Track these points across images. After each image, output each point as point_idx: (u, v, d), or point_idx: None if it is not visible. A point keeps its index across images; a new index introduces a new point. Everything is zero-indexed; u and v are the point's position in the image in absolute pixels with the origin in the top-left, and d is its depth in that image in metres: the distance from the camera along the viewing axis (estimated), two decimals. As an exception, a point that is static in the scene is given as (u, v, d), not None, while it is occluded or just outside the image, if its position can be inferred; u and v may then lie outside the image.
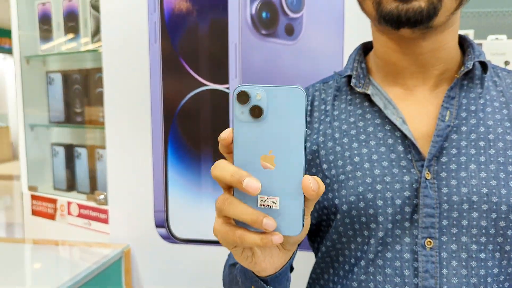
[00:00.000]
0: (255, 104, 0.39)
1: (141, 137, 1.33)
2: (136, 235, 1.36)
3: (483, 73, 0.65)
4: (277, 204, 0.41)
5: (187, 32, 1.27)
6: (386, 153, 0.63)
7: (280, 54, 1.22)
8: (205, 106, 1.29)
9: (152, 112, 1.32)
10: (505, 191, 0.59)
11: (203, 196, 1.31)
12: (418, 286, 0.60)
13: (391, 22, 0.59)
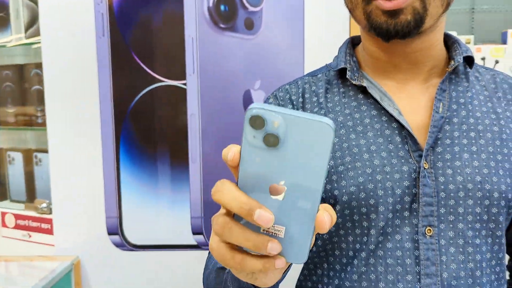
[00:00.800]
0: (271, 132, 0.34)
1: (89, 138, 1.23)
2: (86, 245, 1.25)
3: (469, 68, 0.68)
4: (282, 233, 0.37)
5: (139, 25, 1.20)
6: (384, 144, 0.63)
7: (240, 49, 1.19)
8: (160, 104, 1.22)
9: (101, 111, 1.22)
10: (496, 179, 0.61)
11: (160, 199, 1.24)
12: (420, 273, 0.60)
13: (381, 35, 0.61)
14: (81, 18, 1.19)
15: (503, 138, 0.64)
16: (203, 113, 1.21)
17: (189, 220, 1.24)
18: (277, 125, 0.34)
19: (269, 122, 0.34)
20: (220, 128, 1.22)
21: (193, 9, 1.17)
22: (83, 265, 1.25)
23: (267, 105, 0.34)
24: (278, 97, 0.71)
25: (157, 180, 1.24)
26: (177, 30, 1.19)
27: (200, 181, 1.24)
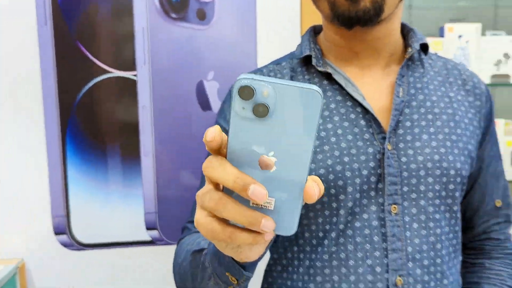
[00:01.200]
0: (260, 102, 0.34)
1: (32, 133, 1.15)
2: (31, 247, 1.17)
3: (424, 55, 0.72)
4: (272, 205, 0.37)
5: (86, 13, 1.14)
6: (350, 128, 0.66)
7: (192, 40, 1.17)
8: (109, 96, 1.17)
9: (45, 104, 1.15)
10: (452, 158, 0.66)
11: (111, 194, 1.20)
12: (387, 249, 0.64)
13: (345, 23, 0.64)
14: (20, 5, 1.12)
15: (456, 120, 0.69)
16: (155, 105, 1.19)
17: (143, 215, 1.21)
18: (267, 94, 0.34)
19: (258, 91, 0.34)
20: (173, 120, 1.20)
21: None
22: (29, 268, 1.17)
23: (256, 75, 0.34)
24: None
25: (108, 176, 1.19)
26: (126, 19, 1.15)
27: (153, 175, 1.21)
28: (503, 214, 0.76)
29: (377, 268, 0.63)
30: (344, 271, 0.64)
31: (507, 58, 1.32)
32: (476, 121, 0.71)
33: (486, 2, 1.59)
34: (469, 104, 0.71)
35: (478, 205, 0.75)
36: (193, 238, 0.65)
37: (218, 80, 1.20)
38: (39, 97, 1.15)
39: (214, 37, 1.18)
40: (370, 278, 0.63)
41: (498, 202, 0.76)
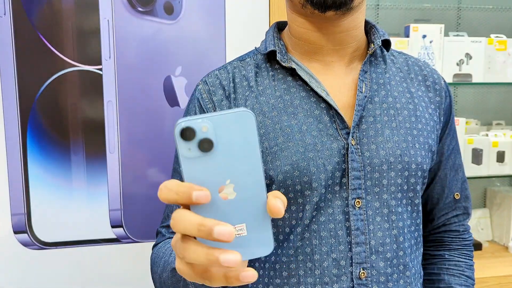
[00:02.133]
0: (202, 137, 0.36)
1: (-10, 128, 1.11)
2: (-12, 246, 1.13)
3: (386, 51, 0.73)
4: (245, 231, 0.39)
5: (48, 4, 1.10)
6: (314, 123, 0.66)
7: (160, 34, 1.15)
8: (73, 90, 1.14)
9: (3, 98, 1.11)
10: (413, 152, 0.67)
11: (74, 192, 1.16)
12: (351, 243, 0.64)
13: (319, 6, 0.62)
14: (-23, -6, 1.07)
15: (417, 115, 0.70)
16: (121, 100, 1.16)
17: (107, 213, 1.18)
18: (206, 129, 0.36)
19: (198, 129, 0.36)
20: (140, 116, 1.18)
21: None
22: (-14, 268, 1.13)
23: (190, 116, 0.36)
24: (208, 83, 0.71)
25: (71, 173, 1.16)
26: (91, 11, 1.12)
27: (118, 172, 1.18)
28: (462, 206, 0.79)
29: (342, 261, 0.64)
30: (309, 265, 0.64)
31: (469, 58, 1.37)
32: (436, 116, 0.73)
33: (449, 4, 1.64)
34: (429, 99, 0.73)
35: (438, 198, 0.77)
36: (168, 247, 0.64)
37: (186, 76, 1.19)
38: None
39: (182, 32, 1.17)
40: (334, 272, 0.64)
41: (457, 194, 0.78)
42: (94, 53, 1.13)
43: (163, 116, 1.18)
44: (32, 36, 1.11)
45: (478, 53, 1.37)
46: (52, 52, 1.12)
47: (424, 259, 0.81)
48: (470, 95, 1.66)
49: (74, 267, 1.18)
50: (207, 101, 0.68)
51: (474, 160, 1.39)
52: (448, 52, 1.36)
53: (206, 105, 0.68)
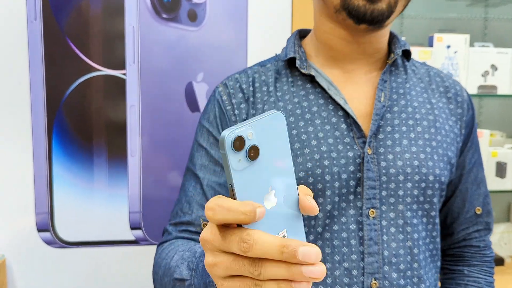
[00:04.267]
0: (250, 145, 0.35)
1: (18, 129, 1.15)
2: (12, 243, 1.16)
3: (407, 60, 0.73)
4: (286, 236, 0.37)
5: (76, 10, 1.14)
6: (331, 131, 0.66)
7: (183, 40, 1.17)
8: (97, 94, 1.17)
9: (32, 100, 1.15)
10: (431, 163, 0.67)
11: (95, 193, 1.19)
12: (364, 253, 0.64)
13: (355, 18, 0.63)
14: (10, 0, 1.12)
15: (437, 126, 0.69)
16: (143, 105, 1.19)
17: (127, 215, 1.21)
18: (252, 136, 0.35)
19: (246, 138, 0.35)
20: (161, 120, 1.20)
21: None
22: (9, 264, 1.16)
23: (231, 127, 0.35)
24: (228, 86, 0.72)
25: (93, 174, 1.19)
26: (117, 17, 1.15)
27: (139, 176, 1.20)
28: (483, 221, 0.77)
29: (354, 271, 0.64)
30: (321, 273, 0.64)
31: (494, 69, 1.34)
32: (457, 129, 0.72)
33: (475, 15, 1.61)
34: (450, 111, 0.72)
35: (458, 212, 0.76)
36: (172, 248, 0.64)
37: (207, 82, 1.20)
38: (27, 93, 1.14)
39: (205, 39, 1.18)
40: (346, 281, 0.64)
41: (479, 209, 0.77)
42: (118, 58, 1.16)
43: (184, 121, 1.20)
44: (60, 40, 1.14)
45: (504, 65, 1.34)
46: (79, 57, 1.15)
47: (442, 273, 0.79)
48: (495, 107, 1.62)
49: (93, 266, 1.20)
50: (227, 103, 0.69)
51: (498, 173, 1.36)
52: (473, 63, 1.33)
53: (226, 107, 0.69)
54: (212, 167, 0.68)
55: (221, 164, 0.68)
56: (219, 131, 0.69)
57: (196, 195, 0.68)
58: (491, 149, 1.36)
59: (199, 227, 0.67)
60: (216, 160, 0.68)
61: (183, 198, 0.70)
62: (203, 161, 0.69)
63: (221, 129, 0.69)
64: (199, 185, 0.68)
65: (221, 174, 0.67)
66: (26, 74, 1.14)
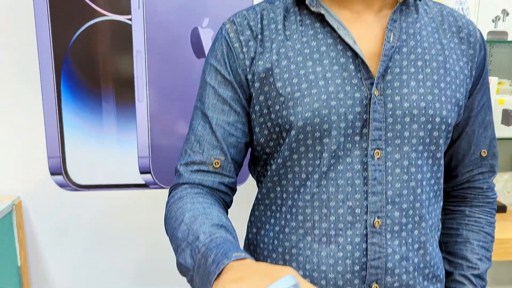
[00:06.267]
0: None
1: (27, 75, 1.15)
2: (27, 186, 1.20)
3: (418, 0, 0.71)
4: None
5: (79, -48, 1.11)
6: (339, 72, 0.66)
7: (188, -16, 1.15)
8: (103, 39, 1.17)
9: (39, 46, 1.15)
10: (439, 105, 0.67)
11: (105, 137, 1.21)
12: (368, 192, 0.66)
13: None
14: None
15: (446, 67, 0.69)
16: (149, 51, 1.18)
17: (136, 159, 1.23)
18: None
19: None
20: (167, 65, 1.20)
21: None
22: (25, 206, 1.21)
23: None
24: (235, 23, 0.70)
25: (102, 119, 1.21)
26: (121, -41, 1.12)
27: (147, 121, 1.22)
28: (488, 164, 0.78)
29: (357, 209, 0.65)
30: (324, 211, 0.66)
31: (506, 14, 1.31)
32: (468, 70, 0.71)
33: (491, -43, 1.54)
34: (461, 52, 0.71)
35: (464, 154, 0.77)
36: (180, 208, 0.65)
37: (212, 28, 1.19)
38: (33, 40, 1.14)
39: (210, -18, 1.16)
40: (349, 219, 0.66)
41: (484, 152, 0.77)
42: (123, 3, 1.15)
43: (190, 67, 1.20)
44: (64, -16, 1.13)
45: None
46: (84, 1, 1.14)
47: (444, 214, 0.81)
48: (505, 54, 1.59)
49: (105, 209, 1.24)
50: (235, 40, 0.68)
51: (504, 121, 1.35)
52: (484, 8, 1.30)
53: (233, 44, 0.68)
54: (220, 106, 0.69)
55: (229, 103, 0.68)
56: (227, 69, 0.68)
57: (206, 134, 0.69)
58: (498, 96, 1.35)
59: (211, 165, 0.68)
60: (224, 99, 0.68)
61: (192, 138, 0.70)
62: (211, 100, 0.69)
63: (229, 67, 0.68)
64: (208, 124, 0.69)
65: (230, 112, 0.68)
66: (32, 21, 1.13)
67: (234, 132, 0.69)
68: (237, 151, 0.70)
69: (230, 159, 0.69)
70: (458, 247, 0.78)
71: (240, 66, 0.68)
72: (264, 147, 0.71)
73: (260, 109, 0.68)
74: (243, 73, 0.68)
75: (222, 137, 0.68)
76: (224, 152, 0.69)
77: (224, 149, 0.69)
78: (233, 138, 0.69)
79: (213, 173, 0.69)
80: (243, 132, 0.70)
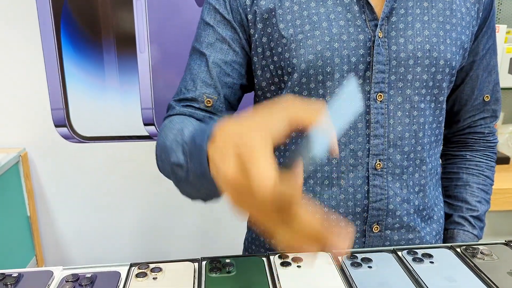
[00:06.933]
0: None
1: (26, 27, 1.14)
2: (32, 137, 1.22)
3: None
4: None
5: None
6: (343, 13, 0.64)
7: None
8: (103, -13, 1.14)
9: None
10: (443, 47, 0.66)
11: (108, 89, 1.21)
12: (370, 135, 0.66)
13: None
14: None
15: (452, 9, 0.67)
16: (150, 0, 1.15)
17: (139, 111, 1.23)
18: None
19: None
20: (169, 15, 1.17)
21: None
22: (31, 157, 1.22)
23: None
24: None
25: (104, 71, 1.20)
26: None
27: (149, 73, 1.21)
28: (491, 109, 0.77)
29: (359, 152, 0.66)
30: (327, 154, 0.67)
31: (519, -42, 1.26)
32: (474, 12, 0.69)
33: None
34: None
35: (466, 99, 0.76)
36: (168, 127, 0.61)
37: (215, -27, 1.16)
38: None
39: None
40: (351, 162, 0.66)
41: (487, 97, 0.76)
42: None
43: (191, 15, 1.18)
44: None
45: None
46: None
47: (445, 158, 0.82)
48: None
49: (110, 160, 1.26)
50: None
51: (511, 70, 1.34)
52: (497, -48, 1.25)
53: None
54: (219, 45, 0.68)
55: (228, 42, 0.67)
56: (226, 8, 0.67)
57: (201, 72, 0.68)
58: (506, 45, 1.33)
59: (202, 103, 0.68)
60: (223, 37, 0.67)
61: (187, 76, 0.70)
62: (210, 39, 0.68)
63: (229, 6, 0.67)
64: (204, 62, 0.68)
65: (228, 51, 0.67)
66: (28, -34, 1.10)
67: (230, 72, 0.68)
68: (232, 92, 0.69)
69: (223, 99, 0.68)
70: (458, 190, 0.79)
71: (241, 5, 0.66)
72: (265, 92, 0.70)
73: (262, 52, 0.67)
74: (244, 12, 0.66)
75: (217, 75, 0.68)
76: (218, 91, 0.68)
77: (218, 88, 0.68)
78: (229, 78, 0.68)
79: (204, 110, 0.68)
80: (239, 74, 0.69)
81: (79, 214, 1.29)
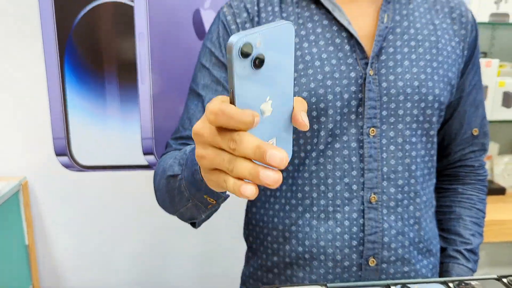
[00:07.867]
0: (257, 53, 0.35)
1: (31, 58, 1.17)
2: (33, 166, 1.23)
3: None
4: (274, 144, 0.39)
5: None
6: (334, 52, 0.67)
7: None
8: (106, 21, 1.18)
9: (43, 28, 1.16)
10: (431, 84, 0.68)
11: (109, 119, 1.23)
12: (364, 169, 0.68)
13: None
14: None
15: (438, 47, 0.70)
16: (152, 32, 1.19)
17: (140, 141, 1.26)
18: (260, 44, 0.35)
19: (254, 45, 0.35)
20: (170, 48, 1.21)
21: None
22: (32, 186, 1.24)
23: (242, 32, 0.35)
24: (232, 6, 0.72)
25: (105, 101, 1.22)
26: None
27: (150, 103, 1.24)
28: (480, 142, 0.80)
29: (354, 186, 0.68)
30: (322, 188, 0.69)
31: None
32: (460, 50, 0.72)
33: None
34: (454, 32, 0.72)
35: (456, 133, 0.79)
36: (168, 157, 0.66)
37: (214, 9, 1.20)
38: (38, 22, 1.15)
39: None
40: (346, 195, 0.68)
41: (476, 130, 0.79)
42: (126, -16, 1.16)
43: (192, 48, 1.21)
44: (67, -34, 1.13)
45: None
46: (86, -17, 1.15)
47: (438, 192, 0.83)
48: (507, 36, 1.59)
49: (109, 188, 1.27)
50: (231, 22, 0.70)
51: (505, 103, 1.36)
52: (487, -11, 1.30)
53: (230, 26, 0.70)
54: (214, 87, 0.70)
55: (222, 83, 0.70)
56: (221, 51, 0.70)
57: (197, 112, 0.71)
58: (498, 79, 1.36)
59: None
60: (218, 79, 0.70)
61: (185, 115, 0.73)
62: (206, 81, 0.71)
63: (224, 49, 0.70)
64: (200, 103, 0.71)
65: (222, 93, 0.70)
66: (36, 3, 1.14)
67: None
68: None
69: None
70: (452, 224, 0.80)
71: None
72: None
73: None
74: None
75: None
76: None
77: None
78: None
79: None
80: None
81: (78, 243, 1.30)
